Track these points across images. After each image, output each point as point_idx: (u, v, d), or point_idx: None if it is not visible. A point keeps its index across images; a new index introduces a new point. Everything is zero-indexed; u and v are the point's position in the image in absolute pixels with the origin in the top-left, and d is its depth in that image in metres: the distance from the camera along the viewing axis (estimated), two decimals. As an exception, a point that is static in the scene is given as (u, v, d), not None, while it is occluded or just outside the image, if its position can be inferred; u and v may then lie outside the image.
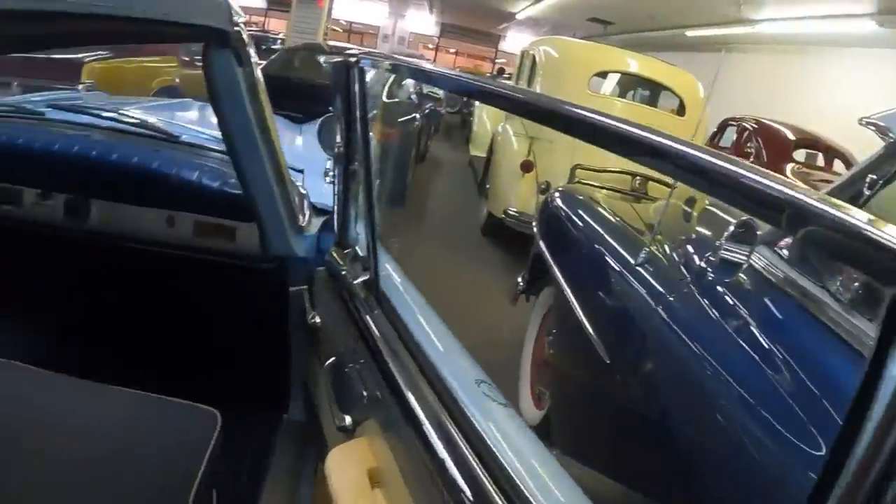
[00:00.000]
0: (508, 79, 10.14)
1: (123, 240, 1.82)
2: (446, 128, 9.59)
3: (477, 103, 7.32)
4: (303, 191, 1.69)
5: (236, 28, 1.17)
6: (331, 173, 1.38)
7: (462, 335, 1.07)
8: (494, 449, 0.79)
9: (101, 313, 2.22)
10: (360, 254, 1.31)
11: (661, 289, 1.64)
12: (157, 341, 2.13)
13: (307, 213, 1.60)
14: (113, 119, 1.87)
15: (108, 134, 1.83)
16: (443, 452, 0.80)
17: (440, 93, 6.83)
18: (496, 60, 24.89)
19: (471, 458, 0.78)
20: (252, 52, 1.24)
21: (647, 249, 1.84)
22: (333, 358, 1.26)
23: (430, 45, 26.45)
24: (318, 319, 1.45)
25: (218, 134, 1.67)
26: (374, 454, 1.00)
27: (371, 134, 1.25)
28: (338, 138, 1.29)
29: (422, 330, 1.04)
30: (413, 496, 0.85)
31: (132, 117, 1.88)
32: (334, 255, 1.41)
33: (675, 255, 1.82)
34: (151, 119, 1.89)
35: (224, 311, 2.16)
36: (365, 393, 1.05)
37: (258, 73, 1.28)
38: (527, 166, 4.52)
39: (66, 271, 2.22)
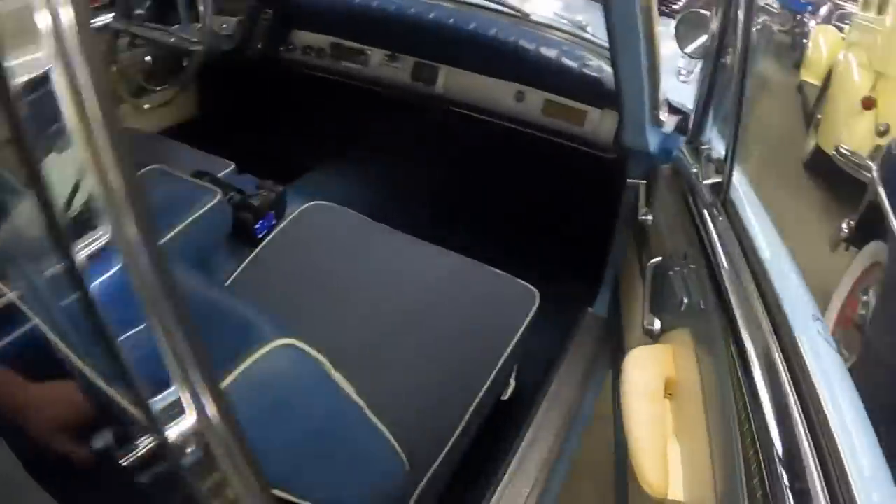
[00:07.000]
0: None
1: (467, 107, 1.86)
2: (775, 47, 8.44)
3: (813, 24, 6.55)
4: None
5: None
6: (683, 71, 1.30)
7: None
8: (818, 393, 0.71)
9: (434, 175, 2.35)
10: (714, 155, 1.22)
11: None
12: (480, 210, 2.23)
13: (665, 109, 1.50)
14: None
15: (461, 6, 1.84)
16: (761, 380, 0.74)
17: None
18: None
19: (790, 395, 0.71)
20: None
21: None
22: (659, 258, 1.21)
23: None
24: (649, 217, 1.40)
25: (572, 19, 1.63)
26: (676, 363, 0.98)
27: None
28: (701, 36, 1.21)
29: (764, 248, 0.95)
30: (707, 415, 0.81)
31: None
32: (684, 152, 1.33)
33: None
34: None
35: (555, 193, 2.17)
36: (685, 300, 1.01)
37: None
38: (868, 103, 3.86)
39: (406, 131, 2.38)
